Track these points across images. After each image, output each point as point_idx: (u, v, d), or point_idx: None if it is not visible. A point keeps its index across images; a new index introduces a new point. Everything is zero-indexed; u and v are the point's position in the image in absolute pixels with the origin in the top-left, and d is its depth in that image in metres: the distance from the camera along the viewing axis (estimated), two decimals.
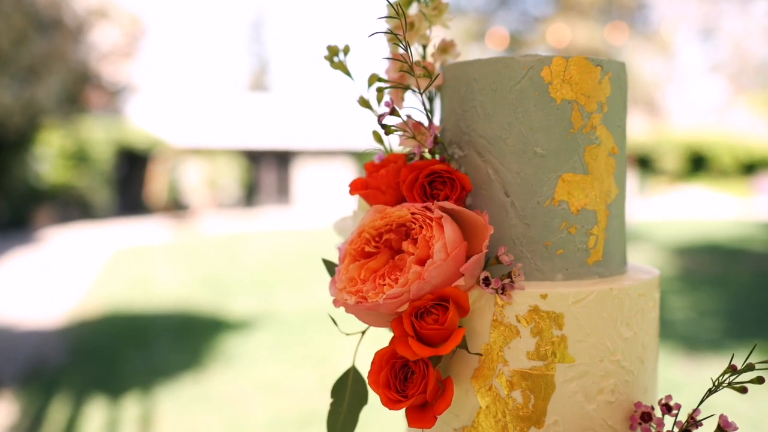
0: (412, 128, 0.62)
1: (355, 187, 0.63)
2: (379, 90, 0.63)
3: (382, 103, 0.65)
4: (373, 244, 0.59)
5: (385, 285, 0.55)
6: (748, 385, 0.53)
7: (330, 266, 0.63)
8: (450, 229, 0.55)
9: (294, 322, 6.96)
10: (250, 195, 18.60)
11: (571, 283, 0.58)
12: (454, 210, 0.56)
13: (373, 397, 0.61)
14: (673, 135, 19.45)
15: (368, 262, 0.59)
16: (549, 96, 0.58)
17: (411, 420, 0.55)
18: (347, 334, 0.66)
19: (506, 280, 0.55)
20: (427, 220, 0.56)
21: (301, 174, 19.70)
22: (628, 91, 0.65)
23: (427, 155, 0.62)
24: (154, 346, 5.44)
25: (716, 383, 0.52)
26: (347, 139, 20.24)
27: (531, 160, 0.59)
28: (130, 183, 15.93)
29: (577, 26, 9.99)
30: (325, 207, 19.78)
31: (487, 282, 0.55)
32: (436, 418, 0.54)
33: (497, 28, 11.14)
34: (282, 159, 19.52)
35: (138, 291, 7.66)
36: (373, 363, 0.57)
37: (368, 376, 0.57)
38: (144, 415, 3.56)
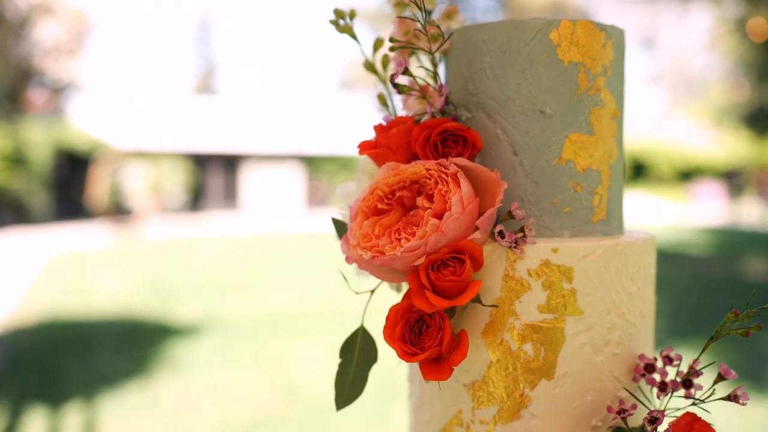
0: (423, 89, 0.63)
1: (364, 148, 0.64)
2: (391, 49, 0.64)
3: (393, 64, 0.66)
4: (386, 201, 0.60)
5: (401, 239, 0.56)
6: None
7: (339, 225, 0.64)
8: (465, 184, 0.56)
9: (243, 326, 6.85)
10: (196, 199, 18.26)
11: (578, 239, 0.60)
12: (467, 166, 0.58)
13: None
14: None
15: (381, 219, 0.59)
16: (557, 58, 0.60)
17: (426, 373, 0.56)
18: (357, 293, 0.66)
19: (519, 234, 0.57)
20: (443, 176, 0.57)
21: (249, 178, 19.46)
22: None
23: (437, 116, 0.63)
24: (96, 353, 5.27)
25: (719, 330, 0.55)
26: (297, 143, 20.14)
27: (539, 120, 0.61)
28: (70, 186, 15.40)
29: None
30: (274, 212, 19.60)
31: (501, 235, 0.57)
32: (452, 370, 0.55)
33: None
34: (230, 163, 19.25)
35: (78, 297, 7.41)
36: (388, 318, 0.58)
37: (384, 331, 0.57)
38: (87, 424, 3.44)
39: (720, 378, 0.57)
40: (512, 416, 0.59)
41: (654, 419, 0.54)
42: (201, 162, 18.52)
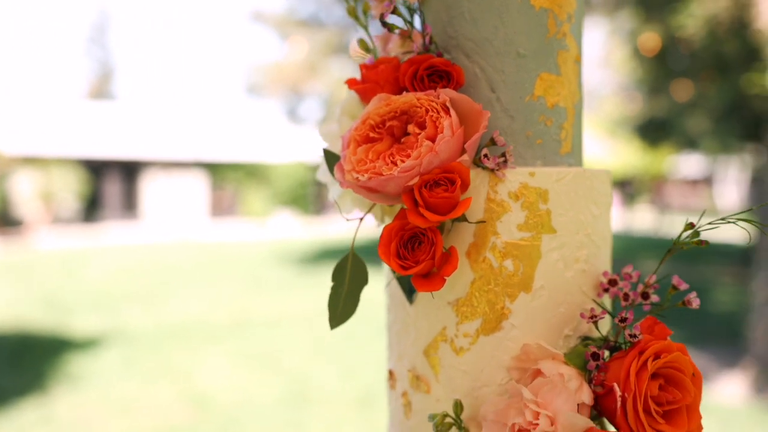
0: (406, 32, 0.69)
1: (352, 84, 0.68)
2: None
3: (377, 6, 0.71)
4: (377, 130, 0.65)
5: (396, 161, 0.61)
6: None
7: (330, 156, 0.68)
8: (453, 111, 0.62)
9: (146, 337, 6.63)
10: (92, 209, 17.38)
11: (549, 168, 0.68)
12: (454, 97, 0.64)
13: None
14: None
15: (374, 146, 0.64)
16: (529, 3, 0.68)
17: (420, 286, 0.61)
18: (348, 220, 0.70)
19: (501, 159, 0.64)
20: (433, 104, 0.62)
21: (150, 186, 18.75)
22: None
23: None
24: None
25: (675, 243, 0.64)
26: (200, 150, 19.62)
27: (514, 60, 0.68)
28: None
29: None
30: (177, 221, 18.99)
31: (486, 158, 0.63)
32: (445, 280, 0.61)
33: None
34: (129, 170, 18.48)
35: None
36: (382, 237, 0.63)
37: (378, 249, 0.62)
38: None
39: (674, 288, 0.66)
40: (494, 328, 0.65)
41: (624, 319, 0.62)
42: (97, 169, 17.68)
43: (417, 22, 0.71)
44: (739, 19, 4.78)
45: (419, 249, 0.62)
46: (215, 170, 19.92)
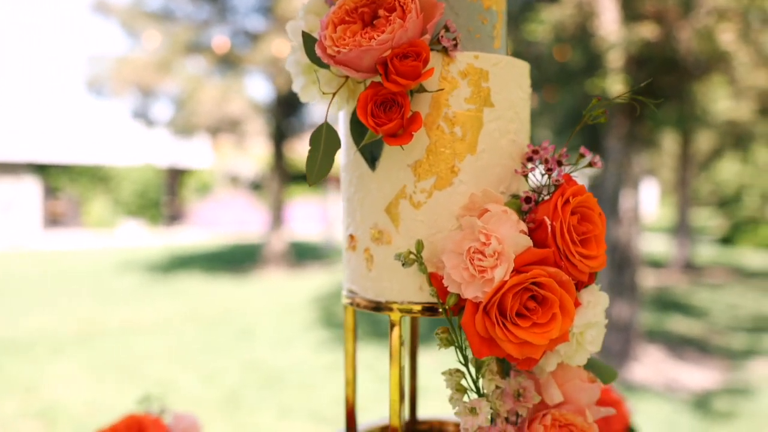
0: None
1: None
2: None
3: None
4: (351, 15, 0.79)
5: (372, 36, 0.76)
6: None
7: (308, 38, 0.81)
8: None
9: None
10: None
11: (488, 53, 0.86)
12: None
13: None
14: None
15: (350, 27, 0.79)
16: None
17: (392, 142, 0.76)
18: (324, 93, 0.83)
19: (453, 42, 0.81)
20: None
21: None
22: None
23: None
24: None
25: (585, 114, 0.84)
26: (31, 150, 18.18)
27: None
28: None
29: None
30: (3, 229, 17.46)
31: (444, 38, 0.80)
32: (412, 136, 0.76)
33: (220, 37, 11.33)
34: None
35: None
36: (359, 101, 0.77)
37: (357, 111, 0.77)
38: None
39: (581, 156, 0.86)
40: (446, 184, 0.82)
41: (550, 168, 0.81)
42: None
43: None
44: (583, 27, 5.40)
45: (390, 111, 0.77)
46: (49, 174, 18.53)
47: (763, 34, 5.20)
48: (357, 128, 0.84)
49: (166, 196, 20.83)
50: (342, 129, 0.90)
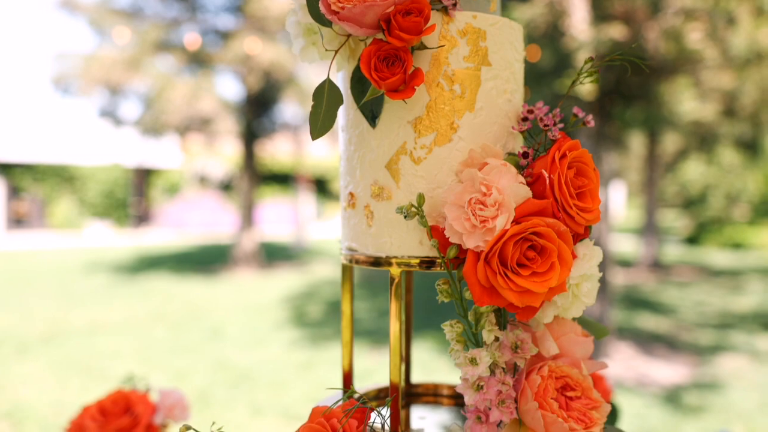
0: None
1: None
2: None
3: None
4: None
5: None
6: None
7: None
8: None
9: None
10: None
11: (486, 14, 0.88)
12: None
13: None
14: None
15: None
16: None
17: (394, 96, 0.78)
18: (327, 50, 0.85)
19: (452, 1, 0.83)
20: None
21: None
22: None
23: None
24: None
25: (576, 76, 0.86)
26: None
27: None
28: None
29: (265, 41, 10.71)
30: None
31: None
32: (415, 90, 0.78)
33: (192, 34, 11.22)
34: None
35: None
36: (362, 58, 0.79)
37: (361, 66, 0.78)
38: None
39: (575, 116, 0.89)
40: (446, 140, 0.84)
41: (546, 124, 0.83)
42: None
43: None
44: (554, 26, 5.48)
45: (393, 66, 0.79)
46: (13, 173, 18.12)
47: (729, 33, 5.34)
48: (358, 86, 0.85)
49: (133, 196, 20.53)
50: (342, 89, 0.91)
